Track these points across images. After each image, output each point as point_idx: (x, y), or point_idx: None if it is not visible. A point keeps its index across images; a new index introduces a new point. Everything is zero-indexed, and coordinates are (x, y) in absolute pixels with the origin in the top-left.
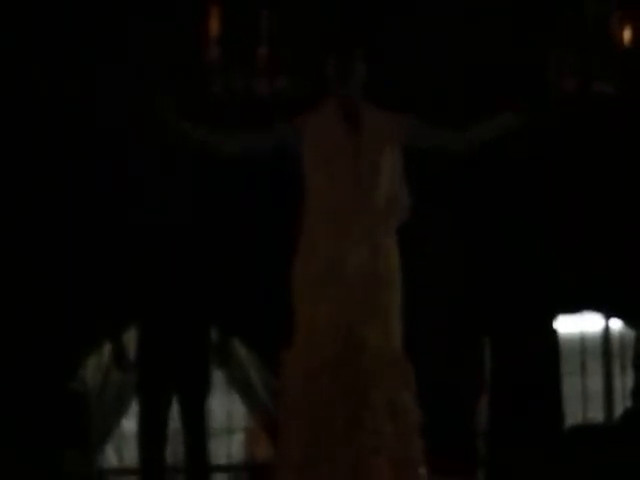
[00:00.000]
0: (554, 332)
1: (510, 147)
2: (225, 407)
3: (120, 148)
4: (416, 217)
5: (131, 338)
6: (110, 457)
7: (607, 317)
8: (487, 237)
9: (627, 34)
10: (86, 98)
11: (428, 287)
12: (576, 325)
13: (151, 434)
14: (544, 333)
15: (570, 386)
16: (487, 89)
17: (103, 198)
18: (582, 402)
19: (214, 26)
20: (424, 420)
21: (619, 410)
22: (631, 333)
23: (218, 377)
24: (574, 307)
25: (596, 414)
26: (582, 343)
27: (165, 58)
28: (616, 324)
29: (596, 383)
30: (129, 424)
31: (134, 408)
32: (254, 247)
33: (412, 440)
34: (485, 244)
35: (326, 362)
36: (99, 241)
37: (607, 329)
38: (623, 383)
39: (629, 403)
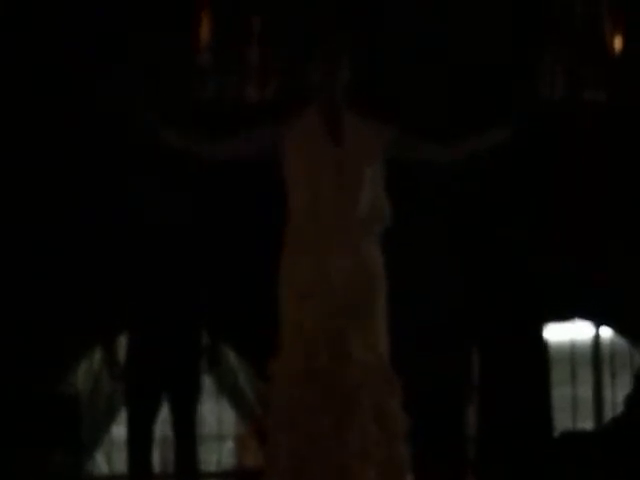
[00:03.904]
0: (544, 340)
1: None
2: (215, 414)
3: (112, 153)
4: (404, 225)
5: (122, 344)
6: (100, 463)
7: (597, 325)
8: (478, 244)
9: (618, 42)
10: (76, 102)
11: (418, 294)
12: (566, 333)
13: (139, 440)
14: (534, 340)
15: (560, 394)
16: (476, 95)
17: (93, 204)
18: (572, 410)
19: (205, 32)
20: (414, 426)
21: (609, 418)
22: (621, 341)
23: (209, 384)
24: (564, 315)
25: (586, 422)
26: (572, 351)
27: (156, 64)
28: (606, 332)
29: (586, 391)
30: (119, 430)
31: (124, 414)
32: (244, 253)
33: (399, 447)
34: (476, 251)
35: (312, 372)
36: (90, 246)
37: (597, 337)
38: (613, 391)
39: (619, 411)
